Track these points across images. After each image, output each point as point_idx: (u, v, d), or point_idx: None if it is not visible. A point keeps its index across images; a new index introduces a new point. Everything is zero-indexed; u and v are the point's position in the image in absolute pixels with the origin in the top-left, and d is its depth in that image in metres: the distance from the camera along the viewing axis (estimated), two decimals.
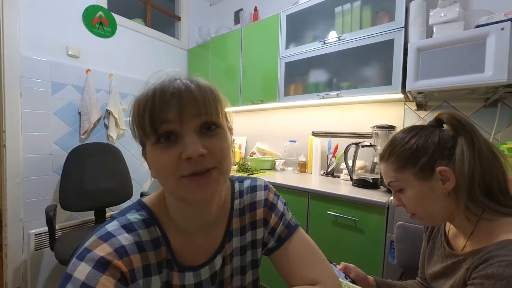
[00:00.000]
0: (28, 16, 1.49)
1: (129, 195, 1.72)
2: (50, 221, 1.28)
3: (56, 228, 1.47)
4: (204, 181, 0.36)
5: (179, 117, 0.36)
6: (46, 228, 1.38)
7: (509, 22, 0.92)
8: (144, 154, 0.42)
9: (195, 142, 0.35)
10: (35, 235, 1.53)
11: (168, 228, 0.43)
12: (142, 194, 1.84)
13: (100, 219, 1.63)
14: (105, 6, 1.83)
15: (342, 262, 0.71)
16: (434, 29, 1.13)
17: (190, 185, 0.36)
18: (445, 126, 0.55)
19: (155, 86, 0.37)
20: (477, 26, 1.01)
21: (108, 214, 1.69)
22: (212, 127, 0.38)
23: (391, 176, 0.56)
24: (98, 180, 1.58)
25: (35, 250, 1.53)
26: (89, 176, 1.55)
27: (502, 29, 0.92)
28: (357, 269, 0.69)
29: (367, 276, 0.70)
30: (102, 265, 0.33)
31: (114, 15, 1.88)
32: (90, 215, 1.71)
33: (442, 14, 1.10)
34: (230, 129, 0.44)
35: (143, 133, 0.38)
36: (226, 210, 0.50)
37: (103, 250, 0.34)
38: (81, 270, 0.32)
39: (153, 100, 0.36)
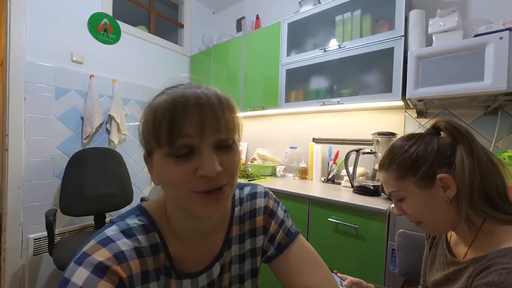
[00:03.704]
0: (34, 22, 1.52)
1: (129, 200, 1.72)
2: (50, 225, 1.28)
3: (56, 233, 1.46)
4: (216, 198, 0.36)
5: (200, 132, 0.34)
6: (45, 233, 1.37)
7: (508, 31, 0.93)
8: (147, 159, 0.40)
9: (213, 159, 0.34)
10: (34, 239, 1.52)
11: (167, 235, 0.43)
12: (142, 199, 1.83)
13: (100, 224, 1.63)
14: (110, 13, 1.87)
15: (350, 278, 0.70)
16: (434, 38, 1.14)
17: (200, 201, 0.36)
18: (442, 133, 0.55)
19: (174, 94, 0.35)
20: (476, 35, 1.02)
21: (108, 219, 1.68)
22: (229, 143, 0.37)
23: (392, 185, 0.56)
24: (99, 184, 1.58)
25: (34, 255, 1.52)
26: (90, 180, 1.55)
27: (501, 38, 0.93)
28: (363, 284, 0.68)
29: (368, 284, 0.69)
30: (100, 270, 0.33)
31: (119, 22, 1.91)
32: (89, 220, 1.70)
33: (441, 23, 1.11)
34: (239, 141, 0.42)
35: (156, 142, 0.35)
36: (226, 218, 0.49)
37: (102, 255, 0.34)
38: (79, 275, 0.32)
39: (174, 110, 0.34)
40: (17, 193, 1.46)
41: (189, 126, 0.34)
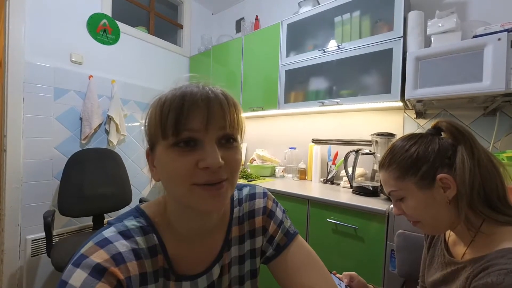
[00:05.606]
0: (34, 23, 1.51)
1: (128, 201, 1.71)
2: (48, 226, 1.27)
3: (54, 234, 1.46)
4: (217, 191, 0.36)
5: (205, 127, 0.36)
6: (43, 234, 1.37)
7: (506, 32, 0.94)
8: (149, 155, 0.41)
9: (216, 152, 0.35)
10: (32, 240, 1.51)
11: (166, 236, 0.42)
12: (141, 200, 1.83)
13: (98, 225, 1.62)
14: (109, 14, 1.87)
15: (344, 273, 0.70)
16: (432, 39, 1.14)
17: (202, 194, 0.36)
18: (443, 134, 0.55)
19: (183, 89, 0.37)
20: (474, 36, 1.03)
21: (106, 220, 1.68)
22: (231, 140, 0.39)
23: (392, 185, 0.56)
24: (98, 185, 1.58)
25: (32, 256, 1.51)
26: (88, 181, 1.55)
27: (499, 39, 0.94)
28: (359, 278, 0.68)
29: (367, 284, 0.69)
30: (98, 272, 0.33)
31: (118, 23, 1.91)
32: (88, 221, 1.70)
33: (440, 24, 1.11)
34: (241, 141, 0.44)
35: (162, 133, 0.36)
36: (226, 219, 0.49)
37: (99, 257, 0.34)
38: (77, 277, 0.32)
39: (182, 103, 0.35)
40: (15, 193, 1.45)
41: (195, 121, 0.35)
